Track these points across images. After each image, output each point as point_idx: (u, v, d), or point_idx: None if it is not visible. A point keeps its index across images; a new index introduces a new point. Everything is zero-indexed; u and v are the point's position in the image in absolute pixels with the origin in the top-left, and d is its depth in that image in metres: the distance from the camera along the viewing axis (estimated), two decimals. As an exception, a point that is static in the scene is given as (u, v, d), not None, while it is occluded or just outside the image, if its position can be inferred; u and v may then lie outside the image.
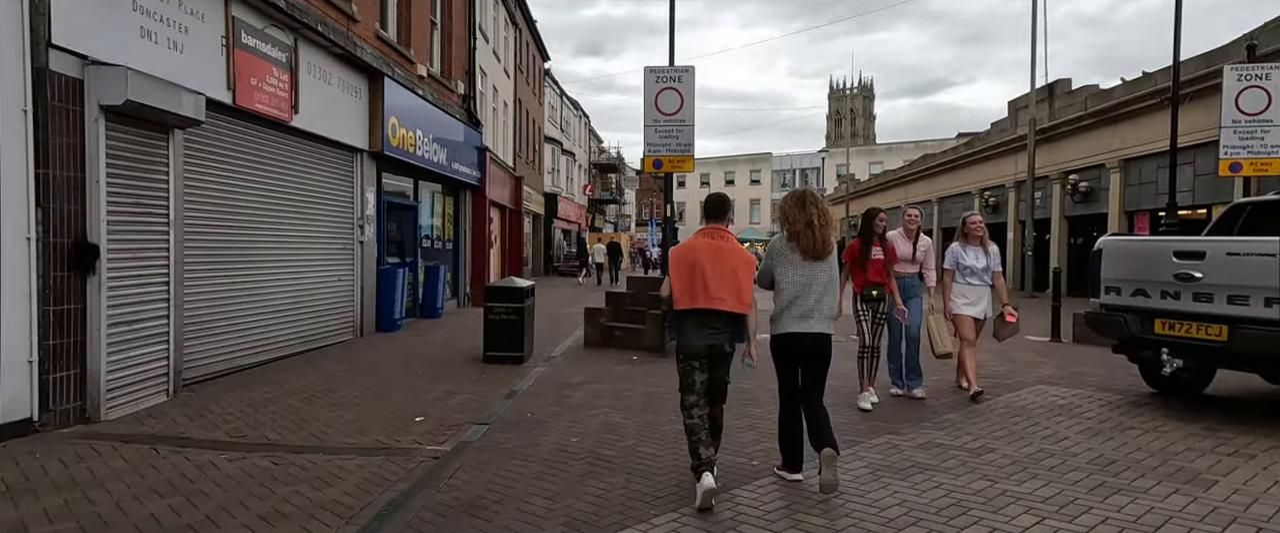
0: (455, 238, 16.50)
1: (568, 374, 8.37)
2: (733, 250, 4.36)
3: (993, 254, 6.89)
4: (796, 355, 4.44)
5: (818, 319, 4.38)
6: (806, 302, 4.37)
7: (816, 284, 4.38)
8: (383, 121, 11.20)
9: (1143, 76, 17.56)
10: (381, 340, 10.87)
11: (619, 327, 10.55)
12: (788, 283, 4.42)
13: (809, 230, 4.37)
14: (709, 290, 4.24)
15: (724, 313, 4.28)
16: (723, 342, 4.33)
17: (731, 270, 4.28)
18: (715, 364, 4.38)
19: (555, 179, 35.74)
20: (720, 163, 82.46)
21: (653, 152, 9.68)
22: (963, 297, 6.88)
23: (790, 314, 4.40)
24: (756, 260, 4.48)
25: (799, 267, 4.40)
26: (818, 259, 4.40)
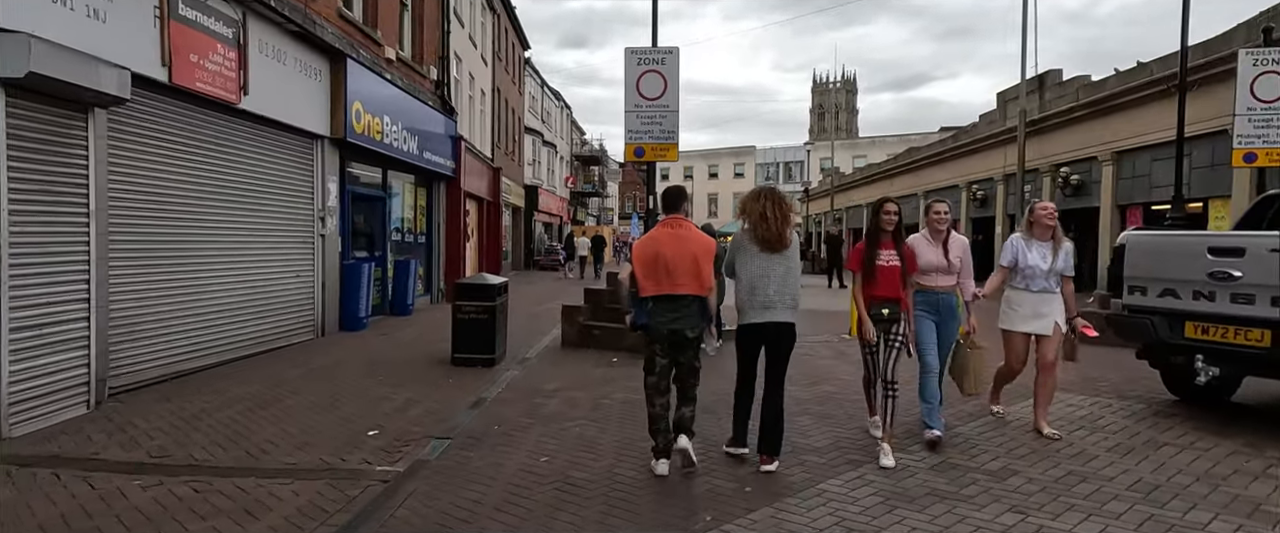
0: (429, 231, 15.76)
1: (542, 379, 7.73)
2: (692, 238, 4.65)
3: (1065, 253, 5.30)
4: (759, 344, 4.69)
5: (779, 309, 4.58)
6: (766, 292, 4.56)
7: (774, 275, 4.58)
8: (346, 106, 10.46)
9: (1137, 67, 17.13)
10: (344, 341, 10.15)
11: (598, 326, 9.92)
12: (746, 274, 4.65)
13: (763, 222, 4.57)
14: (672, 276, 4.53)
15: (688, 297, 4.54)
16: (685, 326, 4.55)
17: (692, 256, 4.56)
18: (678, 348, 4.60)
19: (536, 171, 34.97)
20: (703, 156, 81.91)
21: (634, 139, 9.03)
22: (1017, 307, 5.37)
23: (751, 305, 4.63)
24: (712, 246, 4.73)
25: (756, 258, 4.62)
26: (773, 250, 4.60)
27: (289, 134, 9.48)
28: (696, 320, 4.59)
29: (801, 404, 6.35)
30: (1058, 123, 20.29)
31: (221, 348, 8.10)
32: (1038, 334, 5.37)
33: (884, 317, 4.78)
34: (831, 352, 9.18)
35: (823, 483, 4.42)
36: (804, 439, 5.34)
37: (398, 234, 14.00)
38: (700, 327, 4.62)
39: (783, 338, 4.64)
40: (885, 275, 4.78)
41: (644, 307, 4.62)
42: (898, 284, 4.79)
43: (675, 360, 4.64)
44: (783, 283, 4.59)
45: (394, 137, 12.48)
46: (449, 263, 16.50)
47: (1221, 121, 14.62)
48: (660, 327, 4.55)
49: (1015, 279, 5.41)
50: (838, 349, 9.34)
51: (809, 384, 7.22)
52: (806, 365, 8.13)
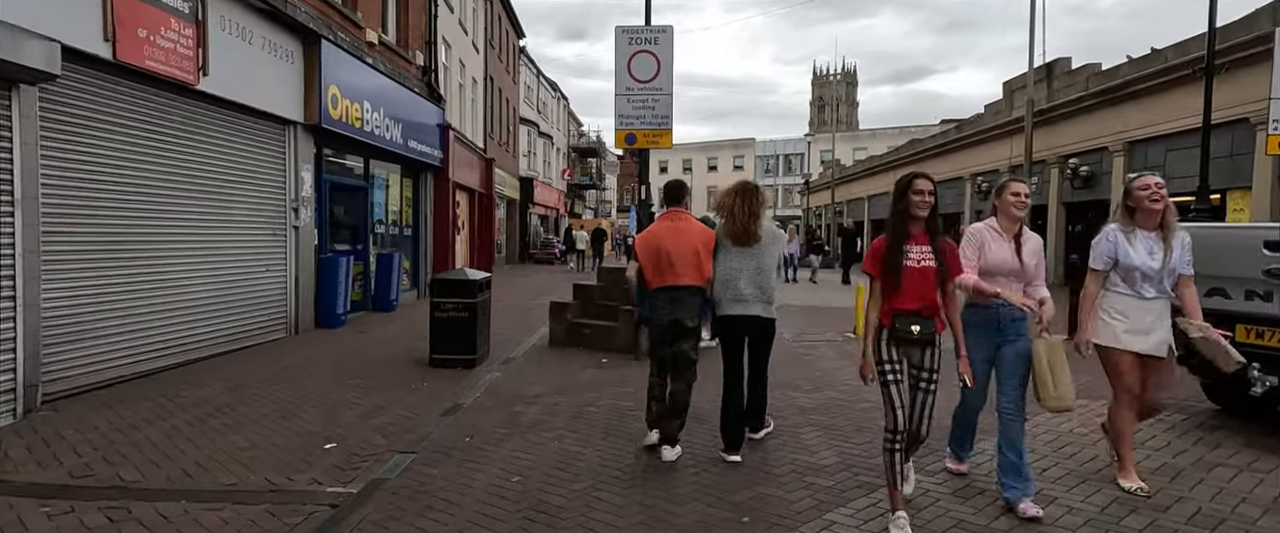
0: (416, 223, 15.17)
1: (524, 382, 7.17)
2: (692, 230, 4.77)
3: (1181, 245, 4.02)
4: (735, 336, 4.74)
5: (752, 303, 4.62)
6: (737, 286, 4.62)
7: (746, 270, 4.63)
8: (321, 91, 9.85)
9: (1152, 53, 16.52)
10: (318, 339, 9.58)
11: (588, 324, 9.34)
12: (721, 268, 4.72)
13: (731, 218, 4.65)
14: (674, 268, 4.66)
15: (689, 287, 4.67)
16: (685, 317, 4.67)
17: (691, 249, 4.68)
18: (677, 337, 4.72)
19: (531, 162, 34.34)
20: (702, 148, 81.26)
21: (625, 125, 8.45)
22: (1122, 317, 4.03)
23: (726, 298, 4.68)
24: (711, 238, 4.77)
25: (729, 252, 4.69)
26: (743, 245, 4.65)
27: (257, 119, 8.88)
28: (696, 311, 4.74)
29: (805, 414, 5.78)
30: (1067, 112, 19.69)
31: (179, 349, 7.52)
32: (1149, 356, 4.02)
33: (913, 337, 3.48)
34: (836, 352, 8.61)
35: (831, 513, 3.86)
36: (809, 457, 4.77)
37: (381, 226, 13.42)
38: (697, 319, 4.76)
39: (757, 332, 4.71)
40: (915, 280, 3.49)
41: (649, 301, 4.82)
42: (933, 292, 3.53)
43: (675, 349, 4.73)
44: (754, 278, 4.64)
45: (376, 124, 11.88)
46: (437, 257, 15.92)
47: (1241, 109, 14.03)
48: (661, 317, 4.73)
49: (1114, 283, 4.10)
50: (842, 349, 8.77)
51: (812, 390, 6.65)
52: (809, 368, 7.57)
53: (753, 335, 4.72)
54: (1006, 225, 4.03)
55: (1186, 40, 15.45)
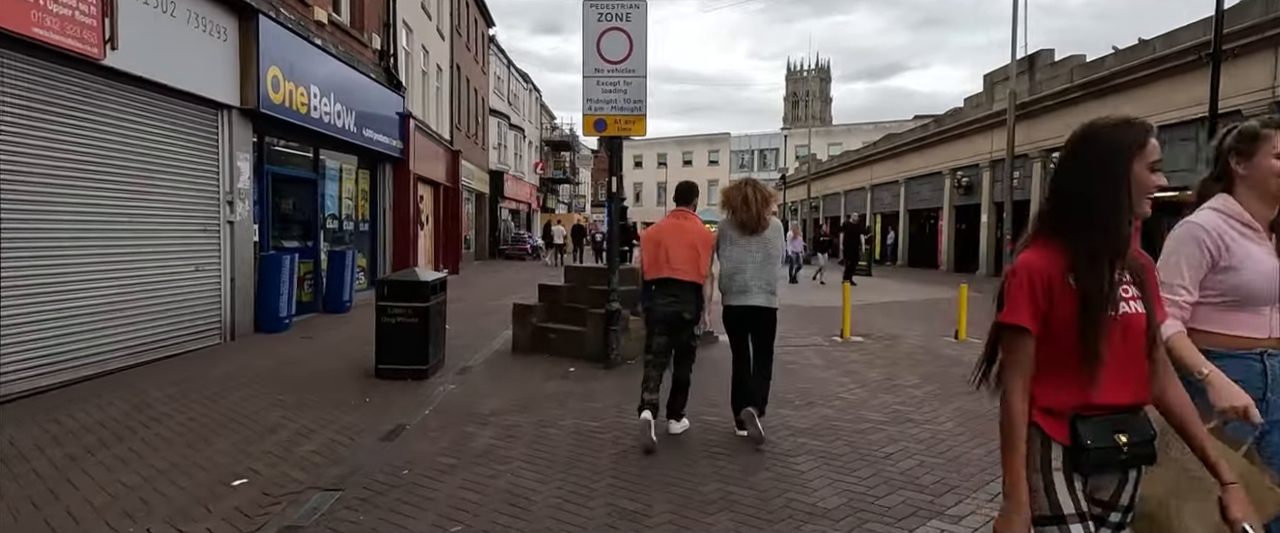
0: (373, 218, 14.26)
1: (480, 397, 6.38)
2: (692, 229, 5.02)
3: None
4: (740, 324, 4.94)
5: (755, 293, 4.81)
6: (743, 277, 4.82)
7: (753, 261, 4.83)
8: (259, 72, 8.93)
9: (1139, 44, 16.11)
10: (257, 346, 8.69)
11: (554, 328, 8.57)
12: (727, 260, 4.92)
13: (744, 205, 4.85)
14: (671, 262, 4.90)
15: (685, 282, 4.88)
16: (682, 309, 4.89)
17: (690, 245, 4.93)
18: (675, 328, 4.93)
19: (502, 155, 33.36)
20: (678, 143, 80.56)
21: (594, 110, 7.66)
22: None
23: (732, 289, 4.88)
24: (710, 238, 5.00)
25: (736, 244, 4.89)
26: (753, 233, 4.85)
27: (182, 102, 7.96)
28: (693, 305, 4.94)
29: (797, 437, 5.06)
30: (1050, 105, 19.30)
31: (81, 361, 6.61)
32: None
33: (1121, 452, 1.73)
34: (823, 359, 7.93)
35: None
36: (807, 496, 4.04)
37: (334, 221, 12.49)
38: (696, 310, 4.96)
39: (760, 321, 4.89)
40: (1125, 345, 1.75)
41: (649, 292, 5.02)
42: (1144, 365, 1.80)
43: (673, 340, 4.99)
44: (759, 269, 4.83)
45: (325, 111, 10.96)
46: (397, 254, 15.01)
47: (1234, 101, 13.62)
48: (659, 308, 4.94)
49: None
50: (831, 356, 8.09)
51: (802, 405, 5.93)
52: (795, 379, 6.87)
53: (754, 324, 4.89)
54: (1261, 209, 2.29)
55: (1176, 30, 15.05)
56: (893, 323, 11.09)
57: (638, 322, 8.19)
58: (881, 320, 11.31)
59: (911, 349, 8.50)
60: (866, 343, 9.03)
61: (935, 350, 8.42)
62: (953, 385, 6.49)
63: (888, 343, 8.99)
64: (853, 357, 8.03)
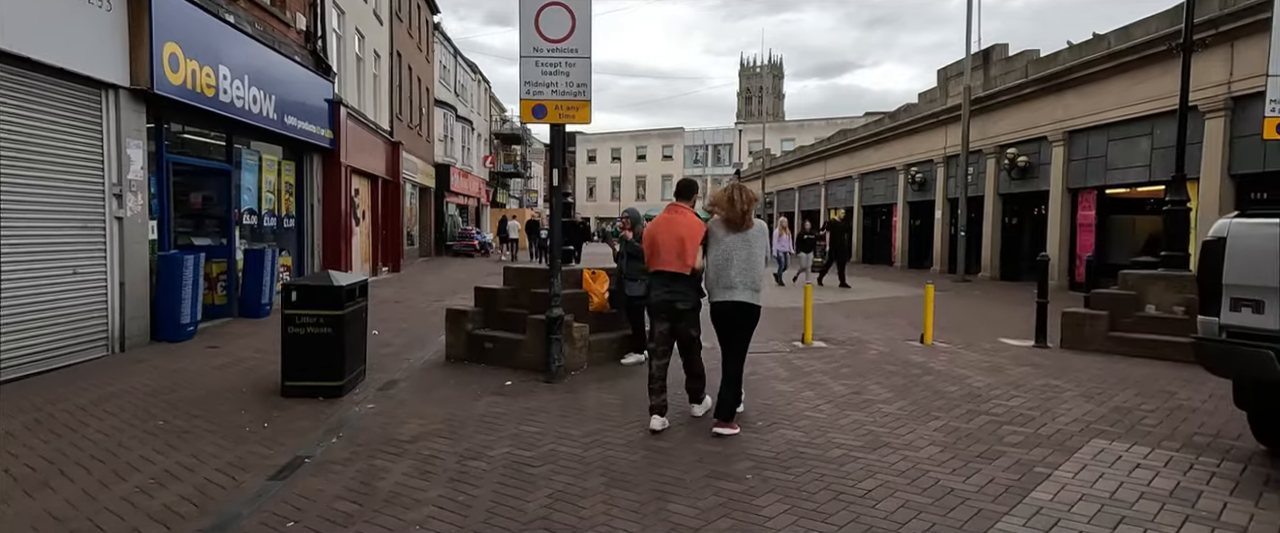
0: (300, 213, 13.17)
1: (400, 418, 5.56)
2: (682, 222, 5.26)
3: None
4: (721, 319, 5.10)
5: (740, 290, 4.99)
6: (728, 274, 5.02)
7: (737, 258, 5.01)
8: (153, 48, 7.89)
9: (1093, 39, 15.95)
10: (150, 358, 7.67)
11: (490, 336, 7.76)
12: (712, 258, 5.10)
13: (731, 205, 5.09)
14: (661, 255, 5.22)
15: (677, 273, 5.16)
16: (677, 299, 5.17)
17: (678, 238, 5.18)
18: (674, 318, 5.21)
19: (448, 148, 32.14)
20: (632, 137, 79.87)
21: (533, 94, 6.86)
22: None
23: (717, 286, 5.08)
24: (698, 230, 5.19)
25: (721, 242, 5.09)
26: (738, 230, 5.05)
27: (53, 79, 6.91)
28: (688, 296, 5.20)
29: (760, 469, 4.38)
30: (1005, 101, 19.12)
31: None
32: None
33: None
34: (786, 369, 7.29)
35: None
36: (776, 551, 3.35)
37: (252, 217, 11.42)
38: (692, 300, 5.23)
39: (742, 316, 5.06)
40: None
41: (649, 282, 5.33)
42: None
43: (674, 328, 5.23)
44: (744, 266, 5.02)
45: (238, 95, 9.91)
46: (328, 252, 13.95)
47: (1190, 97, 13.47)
48: (656, 297, 5.21)
49: None
50: (793, 365, 7.46)
51: (764, 427, 5.26)
52: (757, 393, 6.21)
53: (737, 318, 5.06)
54: None
55: (1130, 25, 14.90)
56: (853, 325, 10.56)
57: (582, 328, 7.46)
58: (842, 323, 10.77)
59: (877, 357, 7.94)
60: (829, 349, 8.45)
61: (902, 357, 7.87)
62: (927, 401, 5.91)
63: (851, 349, 8.41)
64: (816, 365, 7.42)
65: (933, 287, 9.27)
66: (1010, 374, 6.99)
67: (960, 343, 8.91)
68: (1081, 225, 16.71)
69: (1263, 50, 11.98)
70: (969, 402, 5.85)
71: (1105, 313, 8.45)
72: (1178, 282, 8.27)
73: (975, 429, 5.07)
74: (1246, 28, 11.96)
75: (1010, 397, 6.01)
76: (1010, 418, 5.35)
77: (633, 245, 7.63)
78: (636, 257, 7.63)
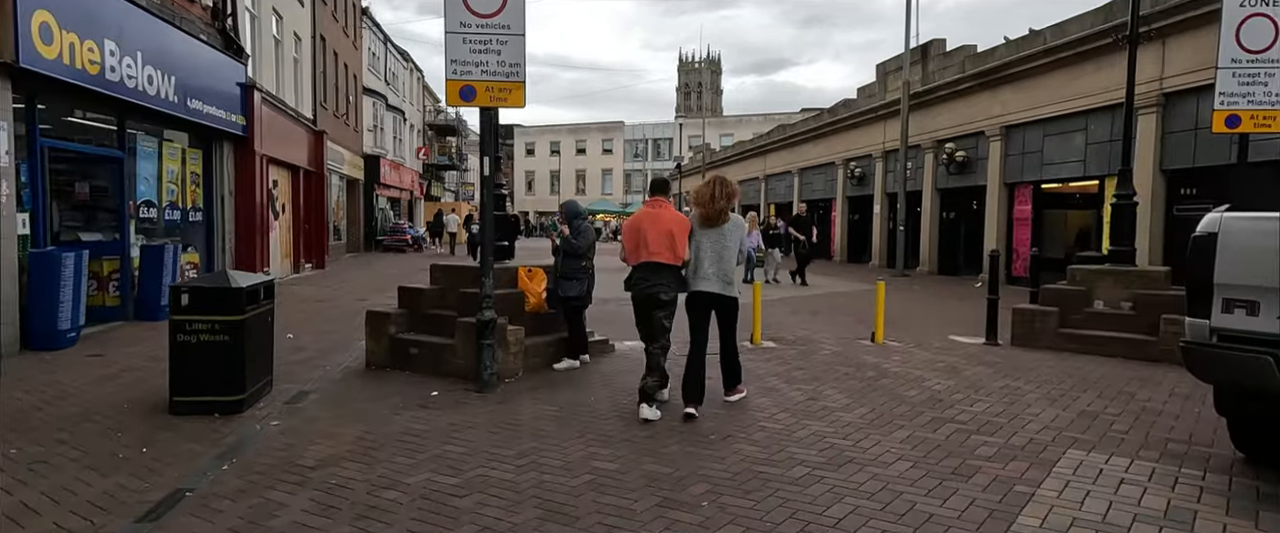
0: (209, 206, 12.11)
1: (308, 439, 4.88)
2: (667, 216, 5.47)
3: None
4: (700, 309, 5.46)
5: (712, 281, 5.34)
6: (703, 266, 5.37)
7: (710, 252, 5.35)
8: (17, 16, 6.90)
9: (1030, 35, 16.09)
10: (16, 372, 6.72)
11: (416, 341, 7.09)
12: (691, 250, 5.42)
13: (710, 200, 5.38)
14: (649, 247, 5.36)
15: (661, 265, 5.34)
16: (659, 290, 5.34)
17: (666, 231, 5.37)
18: (653, 307, 5.38)
19: (379, 139, 30.80)
20: (571, 131, 78.90)
21: (461, 74, 6.21)
22: None
23: (694, 276, 5.42)
24: (686, 223, 5.48)
25: (697, 235, 5.42)
26: (712, 225, 5.37)
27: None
28: (669, 286, 5.34)
29: (717, 494, 3.87)
30: (943, 96, 19.23)
31: None
32: None
33: None
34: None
35: None
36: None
37: (151, 210, 10.37)
38: (674, 291, 5.37)
39: (716, 306, 5.42)
40: None
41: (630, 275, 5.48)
42: None
43: (651, 317, 5.38)
44: (717, 259, 5.30)
45: (130, 74, 8.89)
46: (242, 248, 12.91)
47: (1121, 93, 13.61)
48: (640, 289, 5.39)
49: None
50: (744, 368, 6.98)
51: (718, 442, 4.76)
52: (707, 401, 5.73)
53: (715, 309, 5.41)
54: None
55: (1066, 21, 15.05)
56: (801, 323, 10.23)
57: (517, 331, 6.86)
58: (789, 320, 10.44)
59: (830, 358, 7.58)
60: (779, 350, 8.06)
61: (856, 358, 7.53)
62: (888, 407, 5.54)
63: (803, 350, 8.04)
64: (768, 368, 7.00)
65: (882, 283, 8.98)
66: (967, 375, 6.71)
67: (911, 341, 8.65)
68: (1018, 220, 16.89)
69: (1195, 47, 12.22)
70: (932, 408, 5.51)
71: (1055, 310, 8.30)
72: (1126, 277, 8.18)
73: (944, 440, 4.70)
74: (1178, 25, 12.12)
75: (973, 401, 5.70)
76: (978, 426, 5.01)
77: (569, 242, 7.07)
78: (574, 255, 7.07)
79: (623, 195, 69.44)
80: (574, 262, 7.04)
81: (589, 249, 7.16)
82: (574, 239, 7.09)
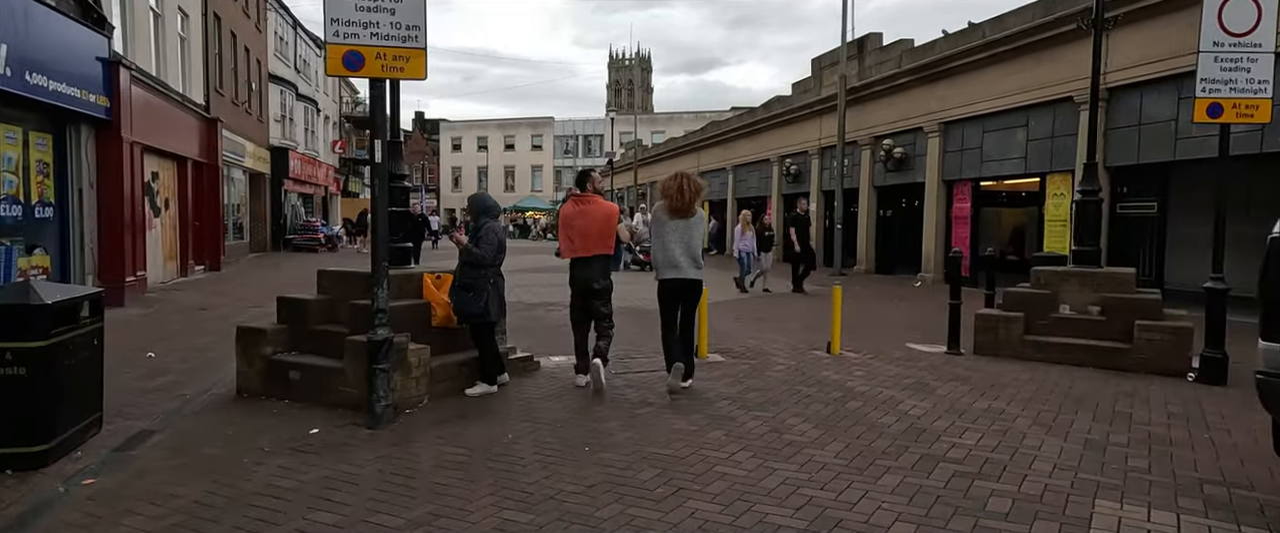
0: (63, 200, 10.39)
1: (126, 506, 3.69)
2: (595, 210, 5.93)
3: None
4: (671, 295, 5.78)
5: (685, 268, 5.66)
6: (672, 254, 5.66)
7: (680, 241, 5.66)
8: None
9: (969, 28, 15.74)
10: None
11: (296, 363, 5.85)
12: (659, 240, 5.73)
13: (679, 194, 5.66)
14: (581, 242, 5.85)
15: (594, 257, 5.87)
16: (592, 279, 5.86)
17: (596, 224, 5.86)
18: (589, 295, 5.91)
19: (288, 130, 28.62)
20: (499, 126, 76.80)
21: (346, 38, 5.01)
22: None
23: (665, 264, 5.71)
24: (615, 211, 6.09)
25: (667, 225, 5.71)
26: (682, 216, 5.68)
27: None
28: (601, 275, 5.90)
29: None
30: (880, 91, 18.80)
31: None
32: None
33: None
34: (683, 394, 5.84)
35: None
36: None
37: (-19, 205, 8.68)
38: (606, 279, 5.94)
39: (687, 290, 5.79)
40: None
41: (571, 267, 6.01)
42: None
43: (587, 304, 5.95)
44: (686, 246, 5.67)
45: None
46: (108, 248, 11.20)
47: (1064, 88, 13.35)
48: (576, 279, 5.94)
49: None
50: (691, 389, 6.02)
51: (666, 498, 3.76)
52: (648, 436, 4.72)
53: (682, 294, 5.78)
54: None
55: (1005, 14, 14.71)
56: (747, 331, 9.35)
57: (420, 351, 5.70)
58: (734, 328, 9.54)
59: (786, 374, 6.69)
60: (728, 364, 7.13)
61: (814, 374, 6.67)
62: (865, 440, 4.65)
63: (754, 364, 7.13)
64: (719, 389, 6.05)
65: (839, 289, 8.16)
66: (943, 395, 5.92)
67: (868, 351, 7.88)
68: (957, 218, 16.55)
69: (1139, 40, 11.93)
70: (915, 440, 4.65)
71: (1021, 315, 7.66)
72: (1093, 279, 7.60)
73: (944, 489, 3.82)
74: (1123, 16, 11.79)
75: (961, 431, 4.87)
76: (978, 467, 4.15)
77: (470, 251, 5.84)
78: (474, 264, 5.87)
79: (553, 193, 67.85)
80: (474, 270, 5.87)
81: (495, 256, 5.94)
82: (475, 246, 5.87)
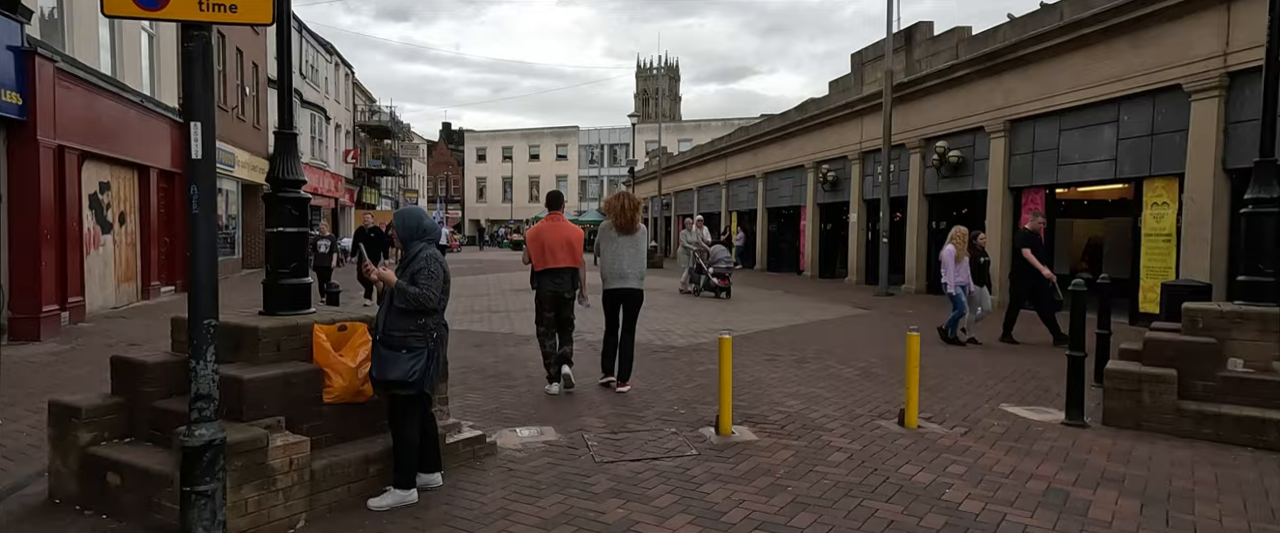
0: (-39, 216, 8.67)
1: None
2: (565, 228, 6.53)
3: None
4: (617, 304, 6.53)
5: (630, 279, 6.47)
6: (621, 266, 6.45)
7: (627, 254, 6.49)
8: None
9: (1041, 10, 13.48)
10: None
11: (117, 463, 3.92)
12: (608, 255, 6.52)
13: (623, 212, 6.51)
14: (554, 256, 6.39)
15: (563, 269, 6.41)
16: (563, 288, 6.45)
17: (566, 240, 6.45)
18: (559, 304, 6.48)
19: (292, 139, 27.09)
20: (524, 136, 75.55)
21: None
22: None
23: (612, 275, 6.48)
24: (581, 233, 6.68)
25: (615, 241, 6.52)
26: (628, 233, 6.52)
27: None
28: (571, 286, 6.49)
29: None
30: (932, 86, 16.54)
31: None
32: None
33: None
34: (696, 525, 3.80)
35: None
36: None
37: None
38: (574, 290, 6.51)
39: (631, 300, 6.53)
40: None
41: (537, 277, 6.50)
42: None
43: (557, 313, 6.48)
44: (633, 259, 6.49)
45: None
46: (20, 268, 9.47)
47: (1167, 74, 11.06)
48: (546, 290, 6.43)
49: None
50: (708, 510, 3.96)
51: None
52: None
53: (627, 303, 6.51)
54: None
55: (1089, -11, 12.43)
56: (785, 383, 7.19)
57: (294, 448, 3.75)
58: (767, 377, 7.41)
59: (850, 471, 4.58)
60: (762, 448, 5.03)
61: (892, 471, 4.55)
62: None
63: (801, 450, 5.00)
64: (752, 507, 3.97)
65: (915, 336, 6.00)
66: (1101, 519, 3.78)
67: (954, 420, 5.75)
68: (1026, 231, 14.21)
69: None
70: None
71: (1172, 373, 5.47)
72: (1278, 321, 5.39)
73: None
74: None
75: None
76: None
77: (406, 295, 3.91)
78: (410, 310, 3.94)
79: (577, 203, 66.03)
80: (409, 320, 3.93)
81: (440, 298, 4.01)
82: (412, 285, 3.93)
